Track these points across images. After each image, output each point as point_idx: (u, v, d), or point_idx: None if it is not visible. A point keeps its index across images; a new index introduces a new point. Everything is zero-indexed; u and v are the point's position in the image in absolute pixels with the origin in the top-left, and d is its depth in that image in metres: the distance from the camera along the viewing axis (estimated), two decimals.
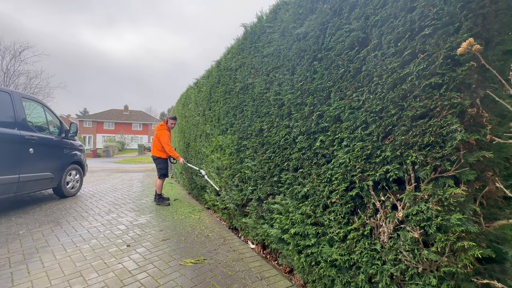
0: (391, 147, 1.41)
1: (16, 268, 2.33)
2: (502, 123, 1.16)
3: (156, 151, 4.80)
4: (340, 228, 1.74)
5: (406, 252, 1.35)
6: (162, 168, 4.82)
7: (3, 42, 22.03)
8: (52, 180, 4.74)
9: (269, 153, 2.55)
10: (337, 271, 1.78)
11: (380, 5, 1.49)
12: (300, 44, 2.12)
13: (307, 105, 2.03)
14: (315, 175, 1.96)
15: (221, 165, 3.66)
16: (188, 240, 3.10)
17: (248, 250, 2.86)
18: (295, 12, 2.17)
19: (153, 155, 4.88)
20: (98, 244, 2.91)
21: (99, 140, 41.99)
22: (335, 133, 1.78)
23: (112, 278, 2.19)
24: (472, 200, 1.17)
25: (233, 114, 3.34)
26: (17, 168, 3.86)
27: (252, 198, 2.90)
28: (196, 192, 5.29)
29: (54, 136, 4.90)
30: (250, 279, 2.22)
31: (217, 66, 3.99)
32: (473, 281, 1.14)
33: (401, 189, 1.41)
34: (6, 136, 3.72)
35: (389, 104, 1.43)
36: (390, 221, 1.42)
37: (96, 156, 25.59)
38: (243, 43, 3.09)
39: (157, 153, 4.80)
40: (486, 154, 1.11)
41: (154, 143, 4.86)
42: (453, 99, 1.17)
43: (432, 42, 1.24)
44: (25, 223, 3.60)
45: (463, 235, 1.14)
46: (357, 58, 1.63)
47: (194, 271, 2.34)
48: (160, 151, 4.78)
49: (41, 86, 19.19)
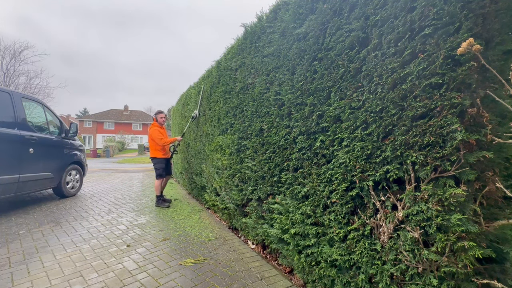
0: (391, 147, 1.41)
1: (16, 268, 2.33)
2: (502, 123, 1.16)
3: (152, 152, 4.72)
4: (340, 228, 1.74)
5: (406, 252, 1.35)
6: (158, 168, 4.69)
7: (3, 42, 21.98)
8: (52, 180, 4.74)
9: (269, 153, 2.55)
10: (337, 271, 1.78)
11: (380, 5, 1.49)
12: (300, 44, 2.12)
13: (307, 105, 2.03)
14: (315, 175, 1.96)
15: (221, 165, 3.66)
16: (188, 240, 3.09)
17: (248, 250, 2.86)
18: (295, 12, 2.17)
19: (150, 157, 4.81)
20: (98, 244, 2.91)
21: (99, 140, 41.96)
22: (335, 133, 1.78)
23: (112, 278, 2.19)
24: (472, 200, 1.17)
25: (233, 114, 3.34)
26: (17, 168, 3.86)
27: (252, 198, 2.90)
28: (196, 192, 5.29)
29: (54, 136, 4.90)
30: (250, 279, 2.22)
31: (217, 66, 3.99)
32: (473, 281, 1.14)
33: (401, 189, 1.41)
34: (6, 136, 3.72)
35: (389, 104, 1.43)
36: (390, 221, 1.42)
37: (96, 156, 25.58)
38: (243, 43, 3.09)
39: (153, 153, 4.72)
40: (486, 154, 1.11)
41: (149, 144, 4.78)
42: (453, 99, 1.16)
43: (432, 42, 1.24)
44: (25, 223, 3.60)
45: (463, 235, 1.14)
46: (357, 58, 1.63)
47: (194, 271, 2.34)
48: (155, 150, 4.69)
49: (41, 86, 19.19)
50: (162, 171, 4.70)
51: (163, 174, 4.71)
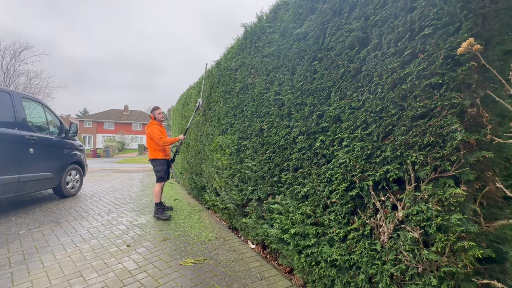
0: (391, 147, 1.41)
1: (16, 268, 2.33)
2: (502, 123, 1.16)
3: (151, 152, 4.16)
4: (340, 228, 1.74)
5: (406, 252, 1.35)
6: (159, 170, 4.11)
7: (3, 42, 21.92)
8: (52, 180, 4.74)
9: (269, 153, 2.55)
10: (337, 271, 1.78)
11: (380, 5, 1.49)
12: (300, 44, 2.12)
13: (307, 105, 2.03)
14: (315, 175, 1.96)
15: (221, 165, 3.66)
16: (188, 240, 3.09)
17: (248, 250, 2.86)
18: (295, 12, 2.17)
19: (149, 158, 4.22)
20: (98, 244, 2.91)
21: (99, 140, 41.96)
22: (335, 133, 1.78)
23: (112, 278, 2.19)
24: (472, 200, 1.17)
25: (233, 114, 3.34)
26: (17, 168, 3.86)
27: (252, 198, 2.90)
28: (196, 192, 5.29)
29: (54, 136, 4.90)
30: (250, 279, 2.22)
31: (217, 66, 3.99)
32: (473, 281, 1.14)
33: (401, 189, 1.41)
34: (6, 136, 3.72)
35: (389, 104, 1.43)
36: (390, 221, 1.42)
37: (96, 156, 25.59)
38: (243, 43, 3.09)
39: (152, 154, 4.15)
40: (486, 154, 1.11)
41: (148, 144, 4.20)
42: (453, 99, 1.16)
43: (432, 42, 1.24)
44: (25, 223, 3.60)
45: (463, 235, 1.14)
46: (357, 58, 1.63)
47: (194, 271, 2.34)
48: (155, 151, 4.13)
49: (41, 86, 19.15)
50: (164, 173, 4.15)
51: (165, 177, 4.16)
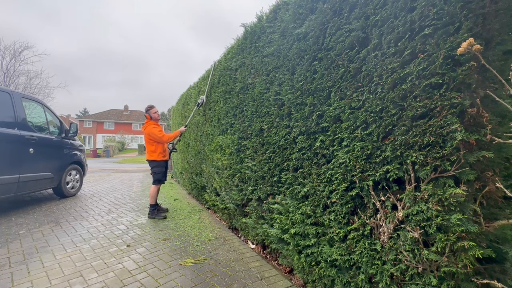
0: (391, 147, 1.41)
1: (16, 268, 2.33)
2: (502, 123, 1.16)
3: (150, 154, 4.08)
4: (340, 228, 1.74)
5: (406, 252, 1.35)
6: (158, 172, 4.06)
7: (3, 42, 21.89)
8: (52, 180, 4.74)
9: (269, 153, 2.55)
10: (337, 271, 1.78)
11: (380, 5, 1.49)
12: (300, 44, 2.12)
13: (307, 105, 2.03)
14: (315, 175, 1.96)
15: (221, 165, 3.66)
16: (188, 240, 3.09)
17: (248, 250, 2.86)
18: (295, 12, 2.17)
19: (147, 159, 4.13)
20: (98, 244, 2.91)
21: (99, 140, 41.96)
22: (335, 133, 1.78)
23: (112, 278, 2.19)
24: (472, 200, 1.17)
25: (233, 114, 3.34)
26: (17, 168, 3.86)
27: (252, 198, 2.90)
28: (196, 192, 5.29)
29: (54, 136, 4.90)
30: (250, 279, 2.22)
31: (217, 66, 3.99)
32: (473, 281, 1.14)
33: (401, 189, 1.41)
34: (6, 136, 3.72)
35: (389, 104, 1.43)
36: (390, 221, 1.42)
37: (96, 156, 25.59)
38: (243, 43, 3.09)
39: (151, 156, 4.07)
40: (486, 154, 1.11)
41: (146, 145, 4.13)
42: (453, 99, 1.16)
43: (432, 42, 1.24)
44: (25, 223, 3.60)
45: (463, 235, 1.14)
46: (357, 58, 1.63)
47: (194, 271, 2.34)
48: (153, 152, 4.05)
49: (41, 86, 19.14)
50: (162, 176, 4.12)
51: (162, 179, 4.12)
